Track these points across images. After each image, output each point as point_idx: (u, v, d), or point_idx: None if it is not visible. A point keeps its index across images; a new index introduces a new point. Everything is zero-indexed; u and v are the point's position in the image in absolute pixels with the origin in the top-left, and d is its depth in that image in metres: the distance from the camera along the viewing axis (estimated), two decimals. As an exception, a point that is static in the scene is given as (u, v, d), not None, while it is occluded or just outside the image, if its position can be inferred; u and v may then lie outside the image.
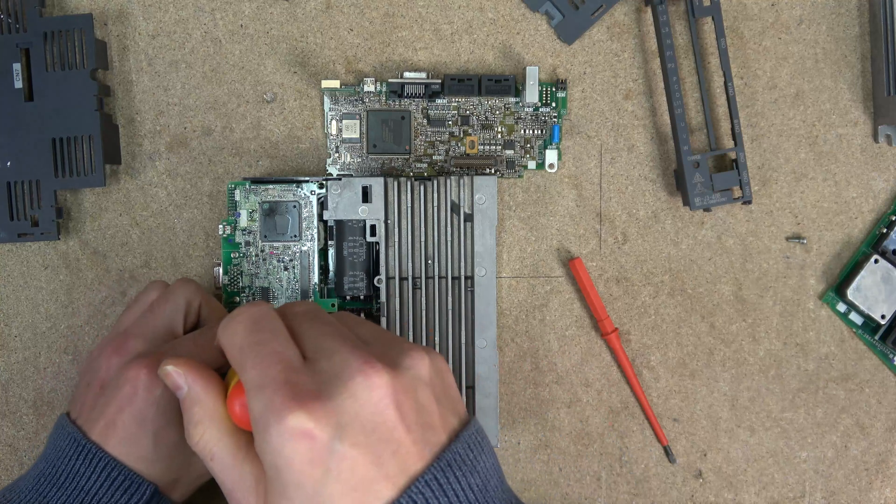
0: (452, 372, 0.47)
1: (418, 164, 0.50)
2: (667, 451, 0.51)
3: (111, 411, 0.36)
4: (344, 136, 0.50)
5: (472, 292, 0.48)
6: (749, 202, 0.49)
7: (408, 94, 0.48)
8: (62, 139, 0.47)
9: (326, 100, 0.50)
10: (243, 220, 0.48)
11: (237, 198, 0.48)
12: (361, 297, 0.48)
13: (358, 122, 0.50)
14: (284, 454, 0.27)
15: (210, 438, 0.31)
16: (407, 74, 0.49)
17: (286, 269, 0.48)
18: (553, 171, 0.50)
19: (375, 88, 0.49)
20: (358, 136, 0.50)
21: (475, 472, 0.29)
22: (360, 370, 0.29)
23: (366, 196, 0.47)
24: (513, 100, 0.50)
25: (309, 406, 0.28)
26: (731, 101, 0.48)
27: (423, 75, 0.49)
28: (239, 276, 0.48)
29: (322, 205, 0.48)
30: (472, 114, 0.50)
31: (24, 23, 0.47)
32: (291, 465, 0.27)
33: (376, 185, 0.47)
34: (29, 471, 0.38)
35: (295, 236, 0.48)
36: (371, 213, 0.47)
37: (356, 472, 0.27)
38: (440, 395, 0.31)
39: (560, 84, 0.49)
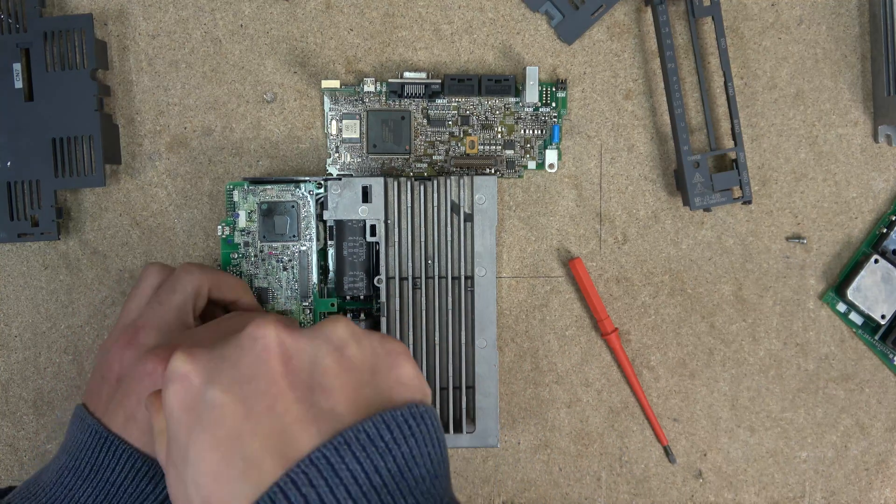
0: (452, 370, 0.48)
1: (418, 164, 0.50)
2: (667, 451, 0.51)
3: (131, 404, 0.37)
4: (344, 136, 0.50)
5: (472, 292, 0.48)
6: (749, 202, 0.49)
7: (408, 94, 0.48)
8: (62, 139, 0.47)
9: (326, 100, 0.50)
10: (242, 221, 0.48)
11: (236, 198, 0.48)
12: (361, 297, 0.48)
13: (358, 122, 0.50)
14: (166, 399, 0.27)
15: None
16: (407, 74, 0.49)
17: (285, 269, 0.48)
18: (553, 171, 0.50)
19: (375, 88, 0.49)
20: (358, 136, 0.50)
21: (388, 456, 0.25)
22: (254, 320, 0.27)
23: (366, 196, 0.47)
24: (513, 100, 0.50)
25: (193, 351, 0.27)
26: (731, 101, 0.48)
27: (423, 75, 0.49)
28: (238, 277, 0.48)
29: (321, 205, 0.48)
30: (472, 114, 0.50)
31: (24, 23, 0.47)
32: (171, 412, 0.26)
33: (376, 185, 0.47)
34: (50, 464, 0.38)
35: (294, 236, 0.48)
36: (371, 213, 0.47)
37: (225, 421, 0.25)
38: (360, 366, 0.27)
39: (560, 84, 0.49)
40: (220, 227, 0.48)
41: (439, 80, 0.48)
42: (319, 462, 0.24)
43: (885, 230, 0.50)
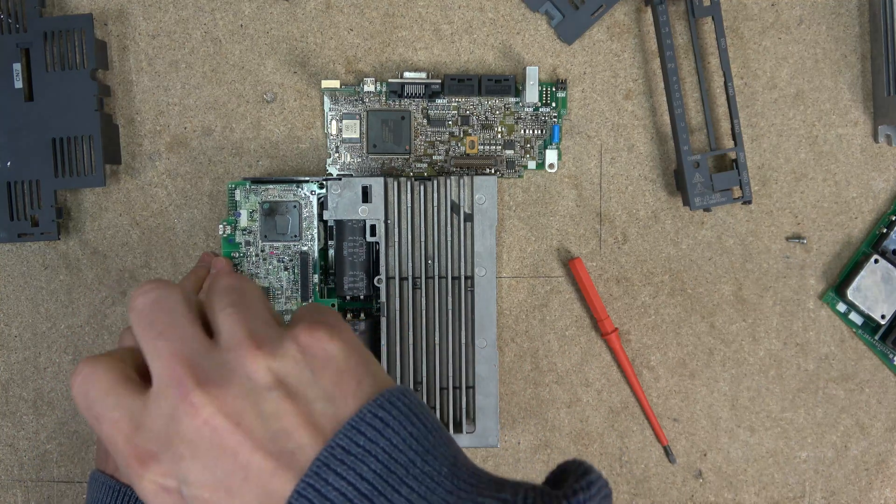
0: (452, 370, 0.48)
1: (418, 164, 0.50)
2: (667, 451, 0.51)
3: None
4: (344, 136, 0.50)
5: (472, 292, 0.48)
6: (749, 202, 0.49)
7: (408, 94, 0.48)
8: (62, 139, 0.47)
9: (326, 100, 0.50)
10: (243, 220, 0.48)
11: (237, 198, 0.48)
12: (361, 297, 0.48)
13: (358, 122, 0.50)
14: None
15: None
16: (407, 74, 0.49)
17: (286, 269, 0.48)
18: (553, 171, 0.50)
19: (375, 88, 0.49)
20: (358, 136, 0.50)
21: (369, 458, 0.25)
22: (185, 411, 0.26)
23: (366, 196, 0.47)
24: (513, 100, 0.50)
25: (148, 464, 0.27)
26: (731, 101, 0.48)
27: (423, 75, 0.49)
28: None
29: (322, 205, 0.48)
30: (472, 114, 0.50)
31: (24, 23, 0.47)
32: None
33: (376, 185, 0.47)
34: None
35: (295, 236, 0.48)
36: (371, 213, 0.47)
37: None
38: (299, 387, 0.26)
39: (560, 84, 0.49)
40: (221, 225, 0.48)
41: (439, 80, 0.48)
42: (307, 492, 0.24)
43: (885, 230, 0.50)
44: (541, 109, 0.50)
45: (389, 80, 0.48)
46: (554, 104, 0.50)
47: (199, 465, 0.26)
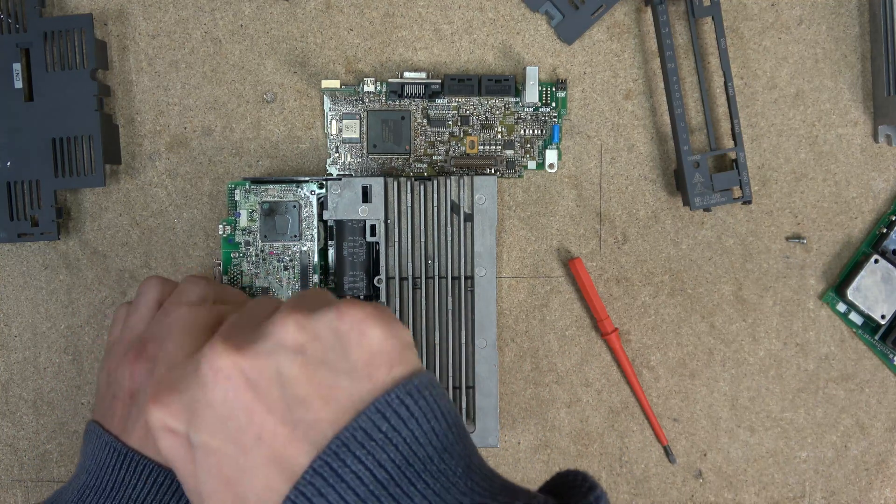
0: (452, 370, 0.48)
1: (418, 164, 0.50)
2: (667, 451, 0.51)
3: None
4: (344, 136, 0.50)
5: (472, 292, 0.48)
6: (749, 202, 0.49)
7: (408, 94, 0.48)
8: (62, 139, 0.47)
9: (326, 100, 0.50)
10: (243, 220, 0.48)
11: (237, 198, 0.48)
12: (361, 297, 0.48)
13: (358, 122, 0.50)
14: (163, 452, 0.27)
15: None
16: (407, 74, 0.49)
17: (286, 269, 0.48)
18: (553, 171, 0.50)
19: (375, 88, 0.49)
20: (358, 136, 0.50)
21: (389, 446, 0.24)
22: (204, 356, 0.26)
23: (366, 196, 0.47)
24: (513, 100, 0.50)
25: (164, 400, 0.26)
26: (731, 101, 0.48)
27: (423, 75, 0.49)
28: (239, 277, 0.48)
29: (322, 205, 0.48)
30: (472, 114, 0.50)
31: (24, 23, 0.47)
32: (171, 462, 0.27)
33: (376, 185, 0.47)
34: (69, 484, 0.37)
35: (295, 236, 0.48)
36: (371, 213, 0.47)
37: (223, 463, 0.25)
38: (327, 359, 0.26)
39: (560, 84, 0.49)
40: (220, 226, 0.48)
41: (439, 80, 0.48)
42: (323, 470, 0.24)
43: (885, 230, 0.50)
44: (541, 109, 0.50)
45: (389, 80, 0.48)
46: (554, 104, 0.50)
47: (213, 415, 0.25)
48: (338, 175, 0.49)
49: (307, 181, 0.47)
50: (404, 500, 0.24)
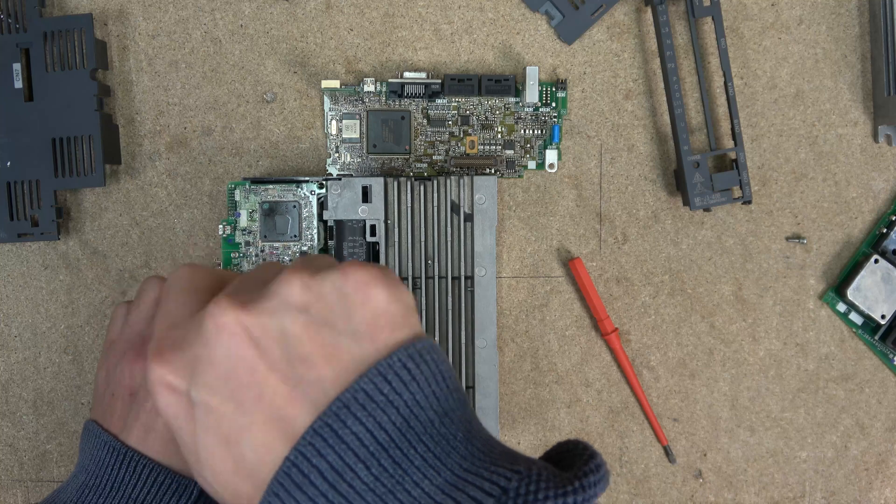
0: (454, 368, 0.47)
1: (418, 164, 0.50)
2: (667, 451, 0.51)
3: (147, 416, 0.36)
4: (344, 136, 0.50)
5: (472, 292, 0.48)
6: (749, 202, 0.49)
7: (408, 94, 0.48)
8: (62, 139, 0.47)
9: (326, 100, 0.50)
10: (243, 220, 0.48)
11: (237, 198, 0.48)
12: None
13: (358, 122, 0.50)
14: (162, 411, 0.27)
15: None
16: (407, 74, 0.49)
17: (286, 269, 0.48)
18: (553, 171, 0.50)
19: (375, 88, 0.49)
20: (358, 136, 0.50)
21: (390, 409, 0.24)
22: (208, 312, 0.26)
23: (366, 196, 0.47)
24: (513, 100, 0.50)
25: (166, 357, 0.26)
26: (731, 101, 0.48)
27: (423, 75, 0.49)
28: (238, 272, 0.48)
29: (322, 205, 0.48)
30: (472, 114, 0.50)
31: (24, 23, 0.47)
32: (170, 421, 0.26)
33: (376, 185, 0.47)
34: (67, 483, 0.37)
35: (295, 236, 0.48)
36: (371, 213, 0.47)
37: (222, 421, 0.25)
38: (330, 319, 0.25)
39: (560, 84, 0.49)
40: (220, 226, 0.48)
41: (439, 80, 0.48)
42: (323, 431, 0.24)
43: (885, 230, 0.50)
44: (541, 109, 0.50)
45: (389, 80, 0.48)
46: (554, 104, 0.50)
47: (215, 372, 0.25)
48: (338, 175, 0.49)
49: (307, 181, 0.47)
50: (404, 462, 0.24)
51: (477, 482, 0.24)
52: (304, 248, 0.48)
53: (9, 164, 0.47)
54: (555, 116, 0.50)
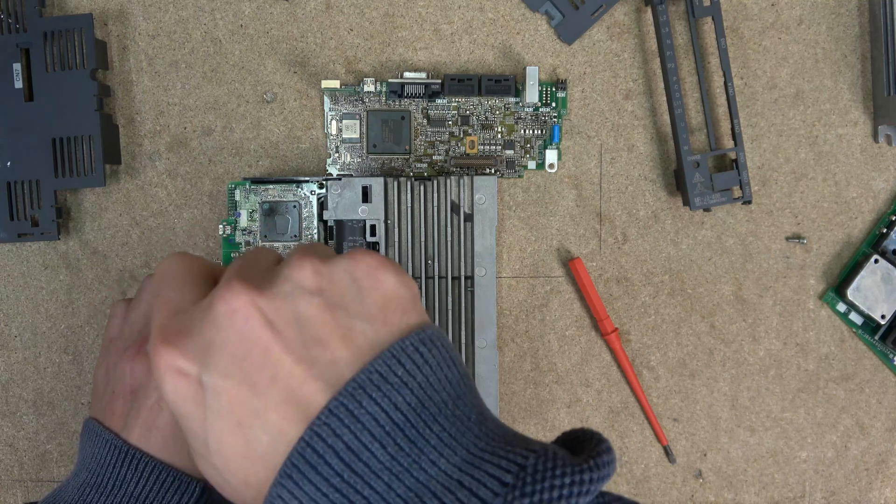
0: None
1: (418, 164, 0.50)
2: (667, 451, 0.51)
3: (148, 414, 0.36)
4: (344, 136, 0.50)
5: (472, 292, 0.48)
6: (749, 202, 0.49)
7: (408, 94, 0.48)
8: (62, 139, 0.47)
9: (326, 100, 0.50)
10: (243, 220, 0.48)
11: (237, 198, 0.48)
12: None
13: (358, 122, 0.50)
14: (169, 397, 0.26)
15: None
16: (407, 74, 0.49)
17: (286, 269, 0.48)
18: (553, 171, 0.50)
19: (375, 88, 0.49)
20: (358, 136, 0.50)
21: (405, 389, 0.24)
22: (220, 296, 0.26)
23: (366, 196, 0.47)
24: (513, 100, 0.50)
25: (174, 342, 0.26)
26: (731, 101, 0.48)
27: (423, 75, 0.49)
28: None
29: (322, 205, 0.48)
30: (472, 114, 0.50)
31: (24, 23, 0.47)
32: (178, 408, 0.26)
33: (376, 185, 0.47)
34: (68, 481, 0.37)
35: (295, 236, 0.48)
36: (371, 213, 0.47)
37: (235, 405, 0.25)
38: (343, 302, 0.26)
39: (560, 84, 0.49)
40: (221, 226, 0.48)
41: (439, 80, 0.49)
42: (339, 411, 0.24)
43: (885, 230, 0.50)
44: (541, 109, 0.50)
45: (389, 80, 0.48)
46: (554, 104, 0.50)
47: (227, 355, 0.25)
48: (338, 175, 0.49)
49: (307, 181, 0.47)
50: (420, 441, 0.24)
51: (494, 460, 0.24)
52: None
53: (9, 164, 0.47)
54: (555, 116, 0.50)
